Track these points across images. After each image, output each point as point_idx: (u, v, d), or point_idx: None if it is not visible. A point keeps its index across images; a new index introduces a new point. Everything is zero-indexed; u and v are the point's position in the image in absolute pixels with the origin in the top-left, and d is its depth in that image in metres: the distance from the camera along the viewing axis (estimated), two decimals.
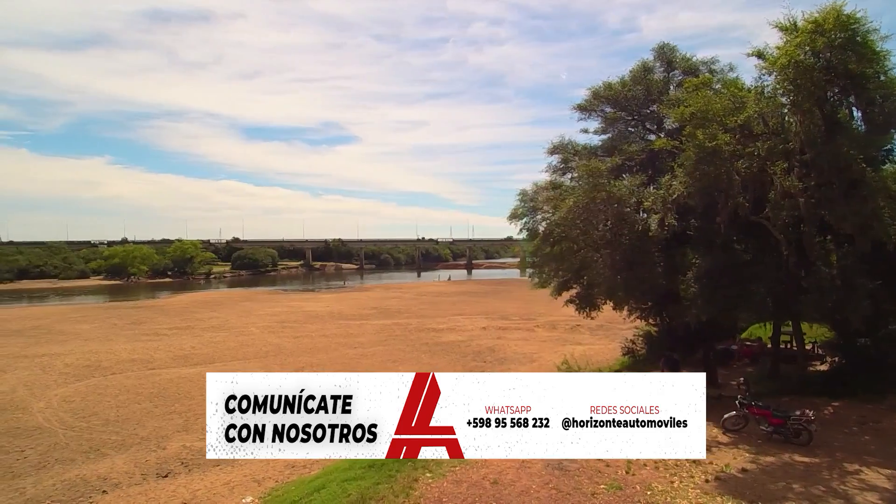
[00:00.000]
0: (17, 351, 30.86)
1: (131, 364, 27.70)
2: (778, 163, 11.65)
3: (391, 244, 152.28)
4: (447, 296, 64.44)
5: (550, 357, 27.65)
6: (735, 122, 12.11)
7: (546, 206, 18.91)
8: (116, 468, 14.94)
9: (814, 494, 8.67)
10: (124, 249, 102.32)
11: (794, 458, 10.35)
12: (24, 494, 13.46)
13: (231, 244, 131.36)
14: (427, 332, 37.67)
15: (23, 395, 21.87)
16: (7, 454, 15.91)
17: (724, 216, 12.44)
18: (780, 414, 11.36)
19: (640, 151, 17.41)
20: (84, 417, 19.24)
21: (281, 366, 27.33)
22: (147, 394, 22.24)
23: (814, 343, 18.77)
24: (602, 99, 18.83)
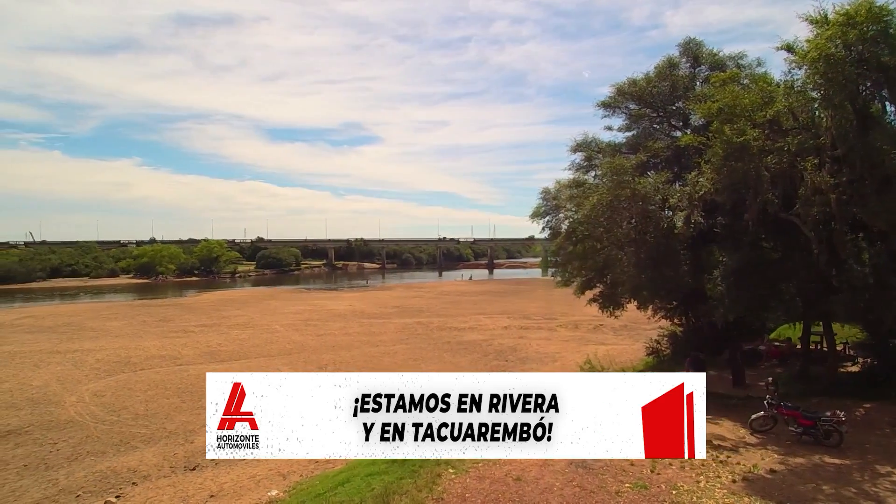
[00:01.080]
0: (51, 347, 31.75)
1: (160, 360, 28.32)
2: (808, 158, 11.40)
3: (413, 244, 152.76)
4: (468, 295, 64.40)
5: (573, 357, 27.45)
6: (764, 117, 11.88)
7: (569, 204, 18.80)
8: (146, 461, 15.29)
9: (845, 496, 8.47)
10: (153, 249, 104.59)
11: (825, 459, 10.11)
12: (56, 485, 13.86)
13: (255, 244, 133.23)
14: (449, 330, 37.72)
15: (56, 389, 22.53)
16: (41, 446, 16.40)
17: (752, 213, 12.22)
18: (809, 415, 11.11)
19: (666, 148, 17.19)
20: (114, 411, 19.75)
21: (304, 363, 27.66)
22: (175, 389, 22.72)
23: (845, 343, 18.31)
24: (626, 96, 18.65)
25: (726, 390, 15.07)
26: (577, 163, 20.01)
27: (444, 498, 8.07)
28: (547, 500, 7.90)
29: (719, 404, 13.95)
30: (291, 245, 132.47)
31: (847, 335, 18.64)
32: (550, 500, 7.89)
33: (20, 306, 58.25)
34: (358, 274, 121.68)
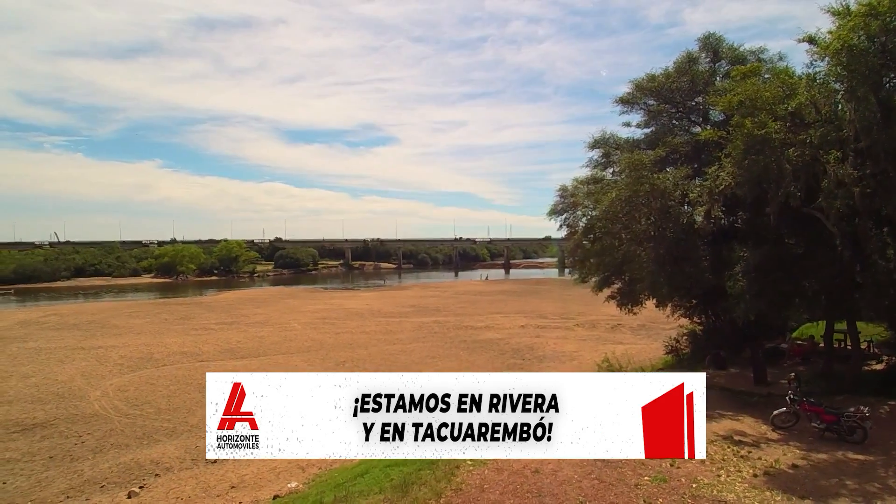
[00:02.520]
0: (75, 343, 32.49)
1: (181, 356, 28.82)
2: (831, 151, 11.21)
3: (429, 244, 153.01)
4: (485, 295, 64.36)
5: (590, 356, 27.31)
6: (785, 109, 11.71)
7: (587, 201, 18.72)
8: (168, 453, 15.61)
9: (868, 492, 8.34)
10: (174, 249, 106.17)
11: (848, 455, 9.96)
12: (82, 476, 14.22)
13: (274, 244, 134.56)
14: (465, 329, 37.75)
15: (81, 384, 23.05)
16: (66, 439, 16.82)
17: (774, 207, 12.04)
18: (833, 411, 10.94)
19: (685, 144, 17.02)
20: (138, 406, 20.17)
21: (322, 360, 27.93)
22: (196, 384, 23.08)
23: (869, 342, 17.98)
24: (645, 91, 18.49)
25: (748, 388, 14.90)
26: (594, 159, 19.91)
27: (462, 489, 8.11)
28: (565, 492, 7.90)
29: (740, 401, 13.83)
30: (309, 245, 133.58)
31: (871, 333, 18.30)
32: (569, 492, 7.89)
33: (45, 304, 59.62)
34: (374, 274, 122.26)
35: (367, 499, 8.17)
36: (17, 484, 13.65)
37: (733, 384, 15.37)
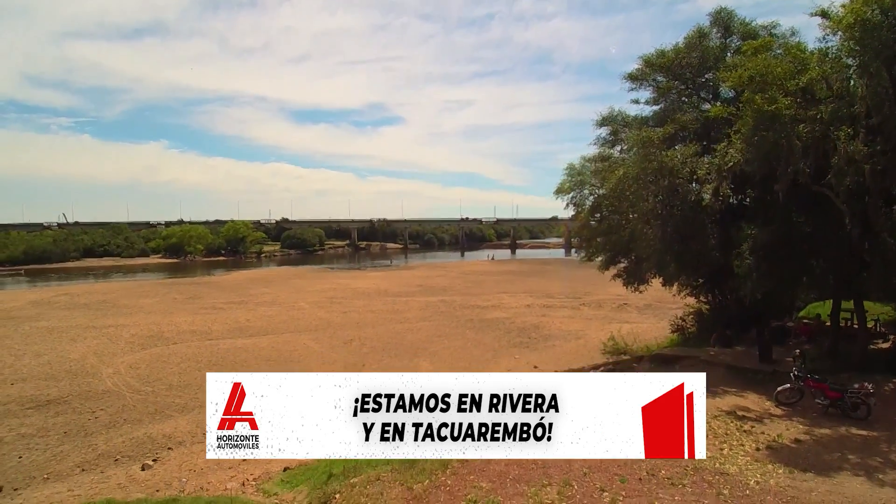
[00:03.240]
0: (87, 322, 32.93)
1: (191, 335, 29.20)
2: (842, 128, 11.06)
3: (435, 224, 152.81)
4: (491, 275, 64.45)
5: (596, 335, 27.43)
6: (796, 85, 11.55)
7: (594, 179, 18.64)
8: (180, 428, 15.92)
9: (870, 466, 8.43)
10: (181, 229, 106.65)
11: (851, 430, 10.05)
12: (96, 450, 14.54)
13: (280, 224, 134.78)
14: (472, 308, 37.92)
15: (93, 362, 23.43)
16: (80, 414, 17.16)
17: (783, 184, 11.92)
18: (837, 387, 11.00)
19: (694, 121, 16.82)
20: (149, 382, 20.52)
21: (330, 338, 28.21)
22: (206, 362, 23.47)
23: (876, 321, 17.93)
24: (654, 67, 18.20)
25: (753, 365, 14.95)
26: (602, 137, 19.74)
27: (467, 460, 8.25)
28: (569, 463, 8.03)
29: (746, 379, 13.92)
30: (315, 225, 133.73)
31: (878, 312, 18.24)
32: (573, 463, 8.02)
33: (56, 285, 60.27)
34: (381, 254, 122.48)
35: (374, 469, 8.35)
36: (33, 458, 13.97)
37: (739, 362, 15.42)
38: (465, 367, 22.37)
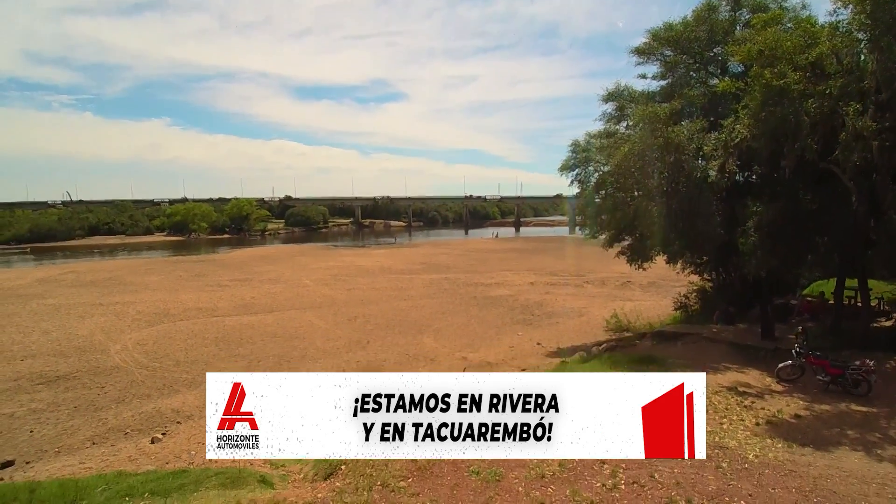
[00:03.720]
0: (93, 300, 33.19)
1: (197, 312, 29.41)
2: (851, 103, 10.89)
3: (439, 202, 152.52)
4: (495, 252, 64.43)
5: (599, 312, 27.51)
6: (806, 59, 11.34)
7: (599, 156, 18.46)
8: (188, 403, 16.14)
9: (869, 441, 8.52)
10: (185, 207, 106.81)
11: (851, 407, 10.12)
12: (106, 424, 14.76)
13: (284, 202, 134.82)
14: (475, 286, 38.01)
15: (101, 338, 23.68)
16: (90, 390, 17.39)
17: (790, 161, 11.83)
18: (838, 364, 11.05)
19: (702, 96, 16.59)
20: (157, 358, 20.76)
21: (335, 315, 28.38)
22: (212, 338, 23.69)
23: (880, 299, 17.92)
24: (662, 41, 17.87)
25: (755, 343, 14.99)
26: (608, 113, 19.48)
27: None
28: None
29: (747, 355, 13.98)
30: (319, 203, 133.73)
31: (882, 291, 18.22)
32: None
33: (62, 263, 60.64)
34: (384, 232, 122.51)
35: None
36: (45, 432, 14.20)
37: (741, 339, 15.48)
38: (469, 344, 22.54)
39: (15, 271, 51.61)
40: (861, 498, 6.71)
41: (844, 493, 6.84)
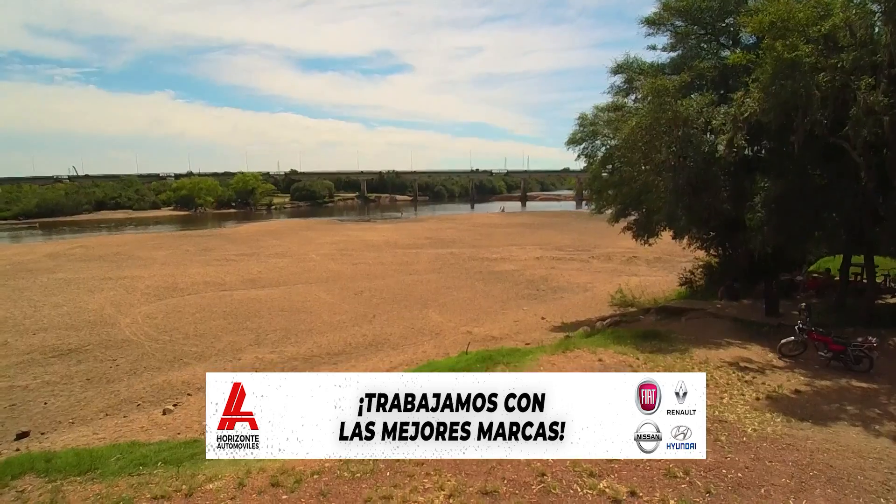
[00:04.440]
0: (103, 274, 33.52)
1: (205, 286, 29.72)
2: (863, 77, 10.68)
3: (445, 175, 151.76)
4: (501, 227, 64.37)
5: (604, 287, 27.58)
6: (818, 31, 11.09)
7: (606, 129, 18.28)
8: (198, 375, 16.42)
9: (868, 416, 8.59)
10: (191, 182, 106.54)
11: (852, 383, 10.16)
12: (118, 396, 15.10)
13: (289, 176, 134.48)
14: (481, 261, 38.12)
15: (111, 312, 24.02)
16: (101, 363, 17.71)
17: (799, 136, 11.67)
18: (840, 340, 11.07)
19: (712, 68, 16.29)
20: (166, 332, 21.08)
21: (341, 290, 28.60)
22: (221, 312, 23.99)
23: (886, 276, 17.85)
24: (673, 11, 17.49)
25: (759, 319, 15.02)
26: (616, 86, 19.22)
27: None
28: None
29: (751, 331, 14.03)
30: (325, 177, 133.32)
31: (889, 267, 18.13)
32: None
33: (71, 237, 61.04)
34: (390, 206, 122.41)
35: None
36: (58, 404, 14.52)
37: (745, 315, 15.50)
38: (474, 318, 22.73)
39: (24, 246, 52.11)
40: (857, 472, 6.81)
41: (841, 466, 6.94)
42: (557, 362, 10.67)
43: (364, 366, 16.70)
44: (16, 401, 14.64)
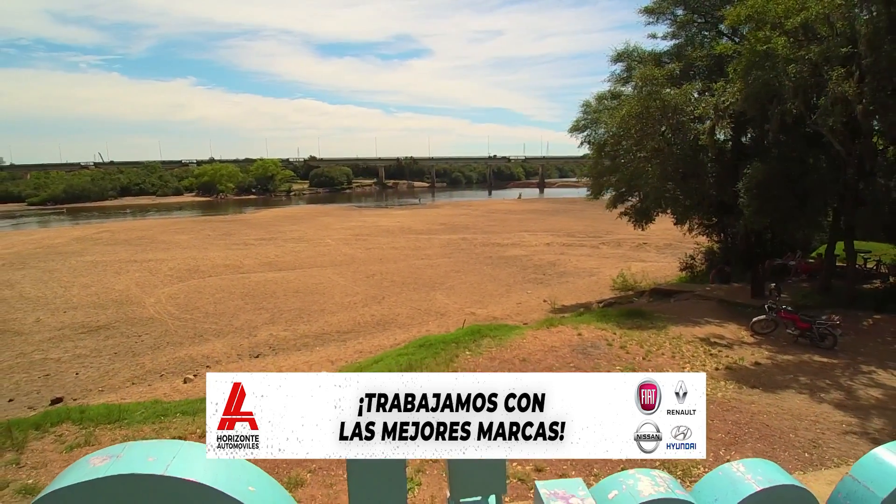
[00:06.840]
0: (128, 257, 35.09)
1: (224, 269, 31.05)
2: (836, 68, 11.18)
3: (462, 162, 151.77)
4: (515, 213, 64.77)
5: (610, 272, 28.10)
6: (792, 24, 11.58)
7: (605, 117, 18.85)
8: (217, 350, 17.70)
9: (817, 386, 9.26)
10: (212, 168, 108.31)
11: (814, 357, 10.82)
12: (143, 367, 16.40)
13: (308, 162, 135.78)
14: (491, 246, 38.84)
15: (136, 292, 25.46)
16: (128, 338, 19.07)
17: (773, 125, 12.23)
18: (807, 318, 11.72)
19: (705, 58, 16.72)
20: (188, 311, 22.41)
21: (353, 273, 29.65)
22: (239, 293, 25.28)
23: (878, 261, 18.23)
24: (673, 0, 17.91)
25: (744, 300, 15.62)
26: (616, 73, 19.72)
27: (457, 370, 9.46)
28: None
29: (732, 311, 14.64)
30: (343, 164, 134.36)
31: (881, 252, 18.50)
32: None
33: (97, 222, 63.00)
34: (408, 192, 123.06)
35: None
36: (89, 374, 15.85)
37: (731, 297, 16.10)
38: (479, 301, 23.61)
39: (53, 230, 54.22)
40: (790, 430, 7.57)
41: (777, 426, 7.70)
42: (540, 336, 11.49)
43: (371, 343, 17.75)
44: (49, 371, 16.01)
